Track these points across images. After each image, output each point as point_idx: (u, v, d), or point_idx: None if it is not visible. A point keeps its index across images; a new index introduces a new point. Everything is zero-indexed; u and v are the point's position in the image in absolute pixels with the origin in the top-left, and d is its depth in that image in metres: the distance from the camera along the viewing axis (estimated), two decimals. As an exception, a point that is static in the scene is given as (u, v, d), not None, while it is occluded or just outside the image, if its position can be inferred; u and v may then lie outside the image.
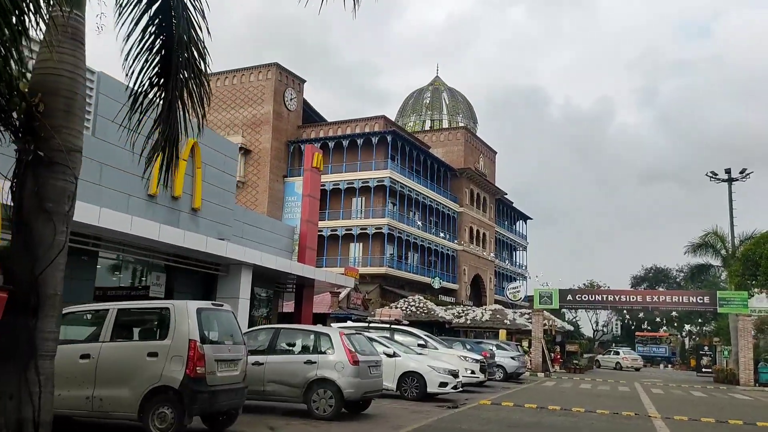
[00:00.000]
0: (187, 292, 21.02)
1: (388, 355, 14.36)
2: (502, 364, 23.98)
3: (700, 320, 61.96)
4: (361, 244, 49.40)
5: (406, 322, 19.65)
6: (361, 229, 48.74)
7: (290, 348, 10.67)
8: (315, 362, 10.16)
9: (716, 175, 36.65)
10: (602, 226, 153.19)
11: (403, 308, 36.96)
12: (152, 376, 7.45)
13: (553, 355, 36.65)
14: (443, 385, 14.21)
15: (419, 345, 17.37)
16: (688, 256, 35.82)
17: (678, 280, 68.56)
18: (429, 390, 14.11)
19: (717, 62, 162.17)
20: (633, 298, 30.17)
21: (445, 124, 65.58)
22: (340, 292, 37.05)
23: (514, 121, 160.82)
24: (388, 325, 18.07)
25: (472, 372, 17.32)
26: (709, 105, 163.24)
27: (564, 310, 75.63)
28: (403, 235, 49.78)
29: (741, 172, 35.93)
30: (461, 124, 64.01)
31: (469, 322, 35.98)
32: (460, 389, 15.03)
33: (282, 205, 51.41)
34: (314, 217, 30.71)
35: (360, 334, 11.51)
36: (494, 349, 24.26)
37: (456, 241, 56.89)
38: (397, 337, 17.68)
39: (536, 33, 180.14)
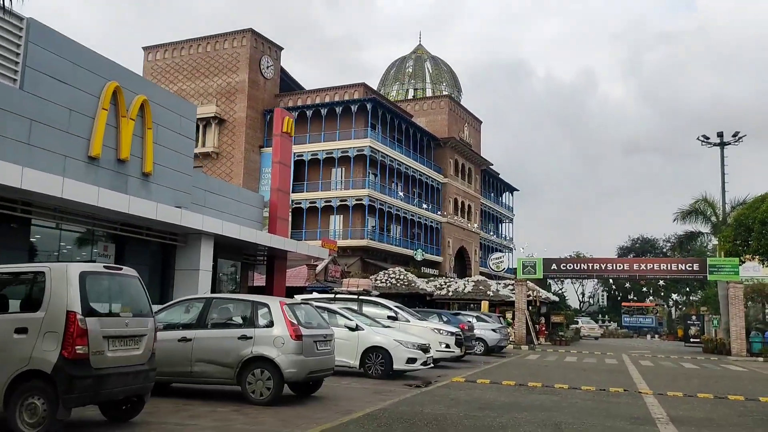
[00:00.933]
0: (141, 263, 19.35)
1: (351, 329, 12.88)
2: (483, 337, 22.63)
3: (687, 289, 61.18)
4: (341, 216, 47.83)
5: (376, 293, 18.15)
6: (341, 200, 47.13)
7: (223, 321, 9.11)
8: (250, 338, 8.62)
9: (708, 139, 35.25)
10: (587, 198, 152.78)
11: (383, 280, 35.58)
12: (20, 358, 5.88)
13: (537, 327, 35.49)
14: (411, 361, 12.76)
15: (389, 317, 15.91)
16: (677, 223, 34.63)
17: (665, 250, 67.69)
18: (395, 367, 12.66)
19: (701, 34, 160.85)
20: (620, 267, 28.85)
21: (429, 94, 63.72)
22: (317, 265, 35.53)
23: (498, 94, 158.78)
24: (355, 296, 16.57)
25: (447, 346, 15.91)
26: (692, 76, 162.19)
27: (550, 281, 75.01)
28: (384, 207, 48.22)
29: (734, 135, 34.54)
30: (445, 93, 62.15)
31: (451, 294, 34.65)
32: (431, 365, 13.60)
33: (258, 177, 49.75)
34: (285, 186, 29.04)
35: (308, 304, 9.96)
36: (474, 321, 22.89)
37: (440, 213, 55.42)
38: (365, 308, 16.21)
39: (522, 7, 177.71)
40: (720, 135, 35.00)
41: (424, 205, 53.40)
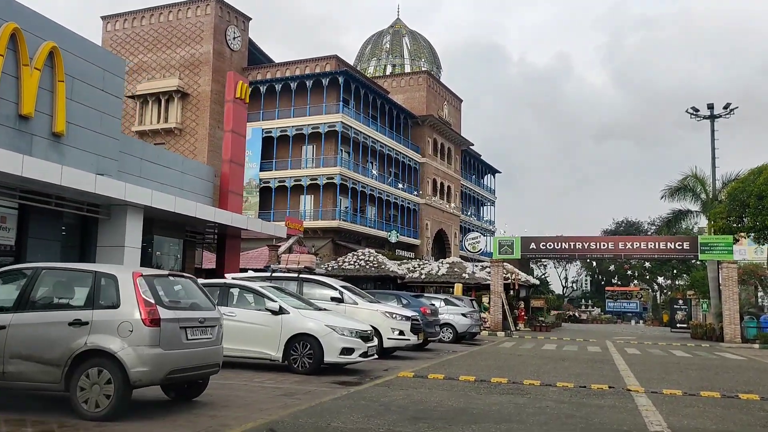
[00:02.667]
0: (51, 238, 16.72)
1: (273, 312, 10.36)
2: (451, 323, 20.24)
3: (674, 272, 59.29)
4: (311, 196, 45.19)
5: (322, 271, 15.62)
6: (311, 179, 44.47)
7: (52, 301, 6.52)
8: (86, 323, 6.06)
9: (698, 111, 32.98)
10: (569, 182, 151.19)
11: (351, 262, 33.10)
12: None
13: (516, 312, 33.22)
14: (347, 351, 10.28)
15: (333, 299, 13.44)
16: (665, 201, 32.33)
17: (650, 233, 65.84)
18: (327, 359, 10.18)
19: (681, 18, 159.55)
20: (604, 246, 26.55)
21: (408, 70, 60.97)
22: (279, 246, 32.92)
23: (475, 80, 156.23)
24: (295, 275, 14.06)
25: (401, 333, 13.44)
26: (673, 61, 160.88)
27: (533, 266, 73.02)
28: (358, 187, 45.63)
29: (725, 107, 32.28)
30: (424, 69, 59.46)
31: (423, 276, 32.25)
32: (376, 356, 11.13)
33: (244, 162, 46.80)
34: (239, 157, 26.33)
35: (188, 278, 7.40)
36: (441, 304, 20.48)
37: (416, 193, 52.93)
38: (306, 289, 13.73)
39: None
40: (710, 107, 32.78)
41: (400, 185, 50.85)
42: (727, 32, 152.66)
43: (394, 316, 13.52)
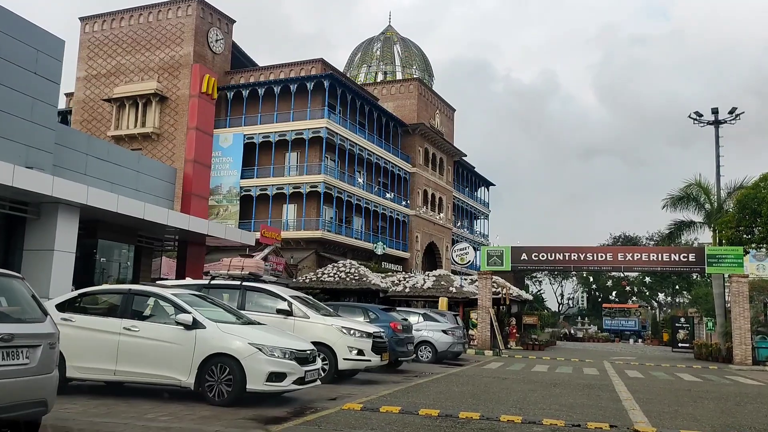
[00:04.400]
0: (-36, 239, 14.53)
1: (186, 326, 8.16)
2: (431, 340, 18.01)
3: (677, 287, 57.13)
4: (295, 205, 42.97)
5: (273, 278, 13.44)
6: (294, 187, 42.29)
7: None
8: None
9: (701, 116, 31.03)
10: (566, 197, 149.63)
11: (331, 274, 30.88)
12: None
13: (507, 328, 30.96)
14: (277, 377, 8.06)
15: (279, 311, 11.23)
16: (666, 211, 30.21)
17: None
18: (251, 386, 7.95)
19: (673, 38, 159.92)
20: (602, 257, 24.36)
21: (399, 78, 59.11)
22: (254, 255, 30.69)
23: (466, 96, 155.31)
24: (239, 282, 11.86)
25: (360, 352, 11.23)
26: (662, 80, 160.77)
27: (527, 282, 70.73)
28: (344, 196, 43.47)
29: (730, 112, 30.33)
30: (415, 76, 57.60)
31: (408, 290, 30.01)
32: (316, 382, 8.87)
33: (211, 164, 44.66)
34: (204, 157, 24.24)
35: (8, 276, 5.22)
36: (419, 319, 18.30)
37: (405, 203, 50.75)
38: (249, 299, 11.54)
39: (503, 13, 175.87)
40: (715, 111, 30.83)
41: (388, 195, 48.70)
42: (716, 52, 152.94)
43: (352, 332, 11.30)
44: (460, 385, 12.08)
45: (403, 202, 50.81)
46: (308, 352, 8.66)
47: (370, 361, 11.41)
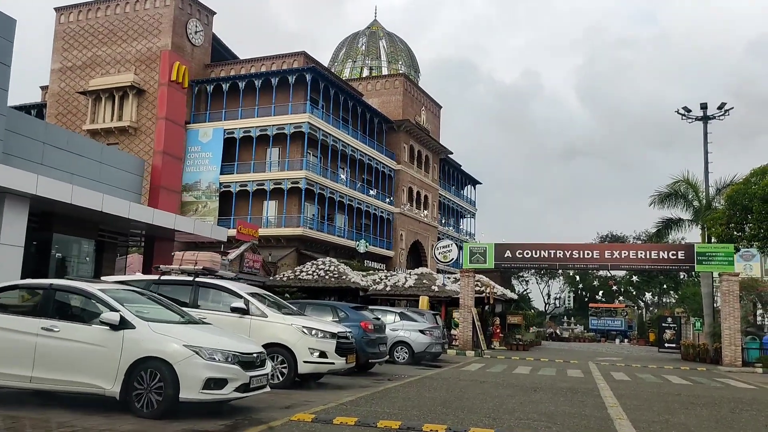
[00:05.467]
0: None
1: (113, 326, 7.14)
2: (407, 341, 17.06)
3: (664, 286, 56.51)
4: (276, 201, 41.89)
5: (231, 274, 12.42)
6: (275, 183, 41.22)
7: None
8: None
9: (689, 111, 30.32)
10: (551, 197, 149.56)
11: (310, 272, 29.84)
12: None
13: (491, 328, 30.09)
14: (217, 384, 7.05)
15: (234, 309, 10.24)
16: (654, 208, 29.47)
17: (635, 248, 63.17)
18: (185, 395, 6.94)
19: (658, 41, 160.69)
20: (588, 254, 23.51)
21: (385, 73, 58.12)
22: (229, 253, 29.63)
23: (451, 97, 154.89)
24: (191, 278, 10.84)
25: (322, 354, 10.25)
26: (646, 82, 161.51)
27: (514, 281, 69.95)
28: (326, 192, 42.47)
29: (719, 107, 29.62)
30: (401, 72, 56.63)
31: (389, 288, 29.03)
32: (265, 388, 7.84)
33: (184, 156, 43.49)
34: (175, 149, 23.15)
35: None
36: (395, 318, 17.36)
37: (389, 201, 49.79)
38: (203, 296, 10.57)
39: (491, 16, 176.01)
40: (704, 107, 30.14)
41: (371, 192, 47.71)
42: (700, 56, 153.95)
43: (313, 332, 10.31)
44: (432, 390, 11.13)
45: (388, 200, 49.86)
46: (255, 354, 7.66)
47: (333, 364, 10.43)
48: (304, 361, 10.14)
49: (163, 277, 11.01)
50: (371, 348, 13.13)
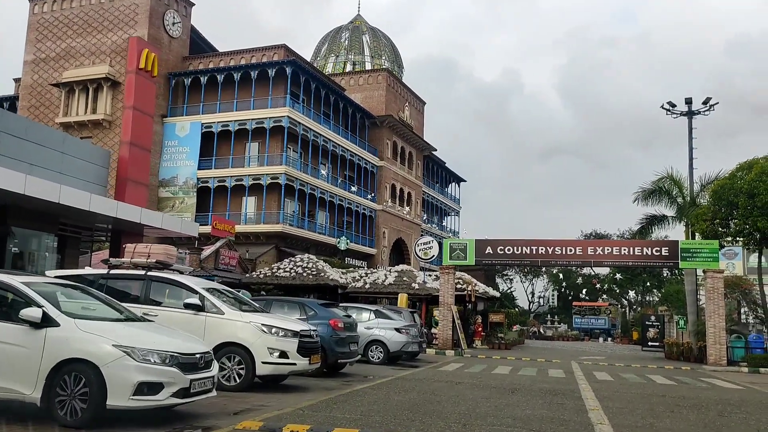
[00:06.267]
0: None
1: (34, 324, 6.34)
2: (382, 340, 16.35)
3: (647, 284, 56.19)
4: (255, 197, 41.02)
5: (188, 268, 11.62)
6: (254, 179, 40.34)
7: None
8: None
9: (674, 106, 29.87)
10: (535, 195, 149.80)
11: (287, 269, 29.08)
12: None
13: (473, 327, 29.47)
14: (150, 389, 6.28)
15: (188, 306, 9.45)
16: (638, 204, 28.98)
17: (619, 246, 62.81)
18: (112, 402, 6.16)
19: (640, 42, 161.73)
20: (571, 251, 22.93)
21: (368, 69, 57.32)
22: (204, 249, 28.79)
23: (433, 95, 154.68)
24: (143, 272, 10.04)
25: (282, 354, 9.50)
26: (626, 82, 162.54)
27: (498, 280, 69.42)
28: (306, 188, 41.66)
29: (704, 102, 29.19)
30: (384, 67, 55.88)
31: (368, 286, 28.33)
32: (210, 393, 7.07)
33: (160, 151, 42.48)
34: (143, 140, 22.23)
35: None
36: (370, 316, 16.63)
37: (371, 198, 49.03)
38: (155, 291, 9.78)
39: (475, 15, 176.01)
40: (689, 102, 29.72)
41: (352, 188, 46.95)
42: (680, 56, 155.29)
43: (273, 330, 9.55)
44: (403, 393, 10.41)
45: (370, 196, 49.12)
46: (198, 355, 6.89)
47: (295, 364, 9.67)
48: (263, 362, 9.37)
49: (113, 271, 10.18)
50: (341, 347, 12.38)
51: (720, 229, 21.33)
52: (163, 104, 42.56)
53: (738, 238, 21.98)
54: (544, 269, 64.21)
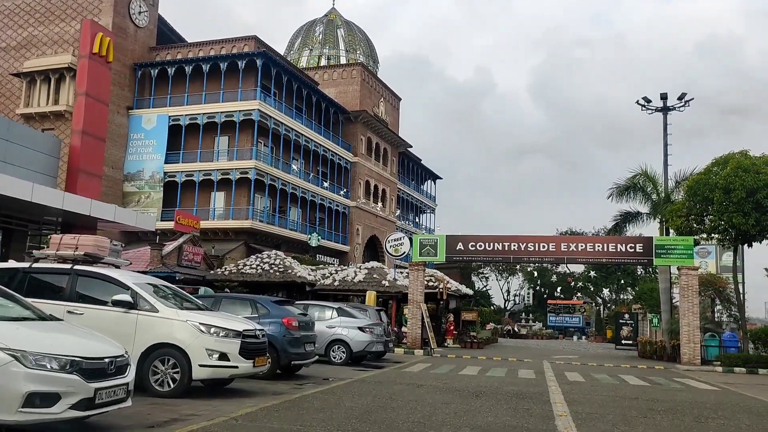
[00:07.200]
0: None
1: None
2: (345, 339, 15.51)
3: (622, 282, 56.02)
4: (224, 192, 39.91)
5: (126, 261, 10.64)
6: (223, 173, 39.23)
7: None
8: None
9: (650, 102, 29.48)
10: (511, 193, 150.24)
11: (253, 266, 28.09)
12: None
13: (444, 326, 28.77)
14: (43, 400, 5.34)
15: (117, 302, 8.53)
16: (612, 201, 28.51)
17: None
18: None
19: (615, 43, 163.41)
20: (544, 247, 22.28)
21: (343, 63, 56.34)
22: (166, 245, 27.68)
23: (413, 98, 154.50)
24: (69, 264, 9.09)
25: (222, 356, 8.61)
26: (597, 83, 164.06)
27: (474, 278, 68.98)
28: (277, 184, 40.66)
29: (680, 98, 28.83)
30: (359, 61, 54.96)
31: (337, 283, 27.46)
32: (123, 403, 6.18)
33: (125, 144, 41.16)
34: (97, 129, 21.09)
35: None
36: (332, 314, 15.80)
37: (342, 192, 48.14)
38: (82, 286, 8.84)
39: (453, 16, 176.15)
40: (664, 97, 29.36)
41: (326, 184, 46.02)
42: (651, 57, 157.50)
43: (212, 330, 8.65)
44: (357, 397, 9.58)
45: (342, 192, 48.22)
46: (107, 360, 5.98)
47: (236, 367, 8.78)
48: (200, 365, 8.47)
49: (36, 265, 9.21)
50: (295, 348, 11.52)
51: (695, 225, 20.85)
52: (128, 96, 41.32)
53: (713, 235, 21.52)
54: (518, 267, 63.83)
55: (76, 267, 9.04)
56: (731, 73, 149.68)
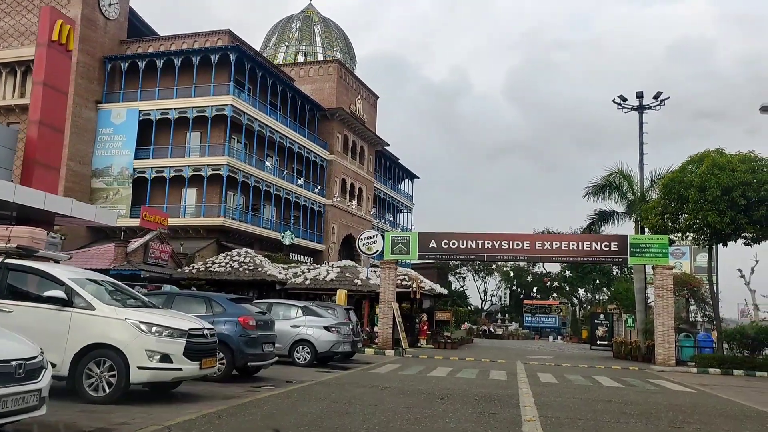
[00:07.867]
0: None
1: None
2: (309, 339, 14.88)
3: (597, 282, 56.04)
4: (195, 189, 38.98)
5: (64, 256, 9.92)
6: (195, 170, 38.31)
7: None
8: None
9: (626, 100, 29.25)
10: (488, 193, 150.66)
11: (222, 264, 27.31)
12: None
13: (418, 326, 28.25)
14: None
15: (50, 299, 7.85)
16: (588, 199, 28.24)
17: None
18: None
19: (591, 46, 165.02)
20: (518, 245, 21.85)
21: (319, 59, 55.59)
22: (130, 243, 26.80)
23: (392, 99, 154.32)
24: (0, 258, 8.35)
25: (164, 358, 7.95)
26: (574, 85, 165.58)
27: (451, 278, 68.67)
28: (250, 181, 39.84)
29: (655, 97, 28.64)
30: (336, 58, 54.27)
31: (309, 282, 26.79)
32: (38, 410, 5.49)
33: (93, 139, 40.04)
34: (55, 120, 20.17)
35: None
36: (297, 313, 15.17)
37: (317, 190, 47.43)
38: (13, 281, 8.13)
39: (433, 16, 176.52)
40: (639, 96, 29.16)
41: (300, 182, 45.26)
42: (625, 60, 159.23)
43: (154, 330, 7.97)
44: (313, 402, 8.96)
45: (317, 189, 47.50)
46: (14, 363, 5.31)
47: (180, 370, 8.11)
48: (139, 367, 7.79)
49: (-37, 259, 8.46)
50: (252, 348, 10.87)
51: (670, 223, 20.54)
52: (97, 89, 40.22)
53: (688, 234, 21.26)
54: (495, 267, 63.61)
55: (7, 261, 8.31)
56: (703, 76, 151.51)
